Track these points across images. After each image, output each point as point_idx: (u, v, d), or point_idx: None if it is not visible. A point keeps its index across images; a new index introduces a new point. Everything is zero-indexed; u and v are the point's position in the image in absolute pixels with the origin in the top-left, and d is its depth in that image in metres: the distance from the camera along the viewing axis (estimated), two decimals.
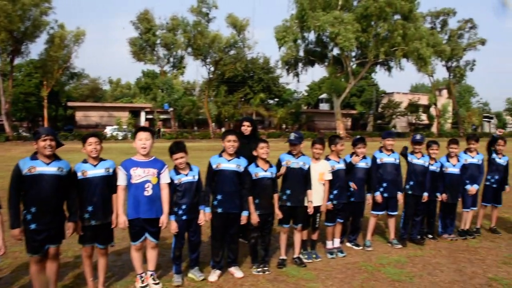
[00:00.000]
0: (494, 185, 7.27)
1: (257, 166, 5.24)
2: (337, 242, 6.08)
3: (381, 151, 6.41)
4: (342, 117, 55.14)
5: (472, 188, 6.93)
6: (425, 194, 6.56)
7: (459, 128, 63.74)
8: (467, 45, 61.22)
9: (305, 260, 5.66)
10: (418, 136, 6.56)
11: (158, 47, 54.75)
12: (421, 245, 6.46)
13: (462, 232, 7.01)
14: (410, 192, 6.51)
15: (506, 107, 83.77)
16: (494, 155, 7.32)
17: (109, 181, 4.50)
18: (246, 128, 6.13)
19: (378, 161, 6.32)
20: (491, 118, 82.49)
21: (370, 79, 66.87)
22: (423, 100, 65.62)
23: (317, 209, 5.66)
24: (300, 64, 54.01)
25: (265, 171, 5.23)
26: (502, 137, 7.31)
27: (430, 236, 6.82)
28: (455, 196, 6.83)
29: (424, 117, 66.28)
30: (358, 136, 6.42)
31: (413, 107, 64.05)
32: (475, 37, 61.32)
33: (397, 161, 6.36)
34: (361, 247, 6.32)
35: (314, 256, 5.81)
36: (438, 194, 6.73)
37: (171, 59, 56.87)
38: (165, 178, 4.67)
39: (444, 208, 6.91)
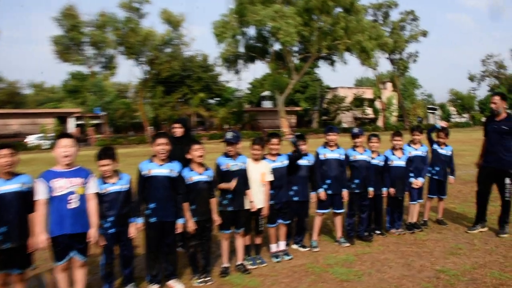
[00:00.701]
0: (436, 177, 7.61)
1: (191, 169, 5.16)
2: (282, 245, 6.09)
3: (324, 147, 6.51)
4: (286, 114, 55.89)
5: (417, 181, 7.21)
6: (371, 189, 6.73)
7: (405, 121, 66.71)
8: (409, 37, 64.36)
9: (249, 266, 5.62)
10: (355, 130, 6.75)
11: (86, 46, 52.75)
12: (369, 241, 6.63)
13: (410, 226, 7.27)
14: (355, 189, 6.63)
15: (449, 98, 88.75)
16: (435, 146, 7.67)
17: (26, 198, 4.24)
18: (177, 130, 6.09)
19: (321, 157, 6.41)
20: (436, 109, 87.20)
21: (313, 75, 68.38)
22: (368, 94, 68.02)
23: (259, 211, 5.68)
24: (240, 61, 54.12)
25: (200, 174, 5.16)
26: (444, 128, 7.68)
27: (378, 232, 7.02)
28: (401, 190, 7.06)
29: (369, 111, 68.69)
30: (297, 133, 6.50)
31: (358, 102, 66.22)
32: (417, 29, 64.65)
33: (342, 156, 6.47)
34: (308, 248, 6.37)
35: (259, 261, 5.79)
36: (384, 189, 6.94)
37: (101, 59, 55.05)
38: (91, 188, 4.46)
39: (391, 202, 7.13)
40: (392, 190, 6.95)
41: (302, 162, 6.19)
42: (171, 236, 4.97)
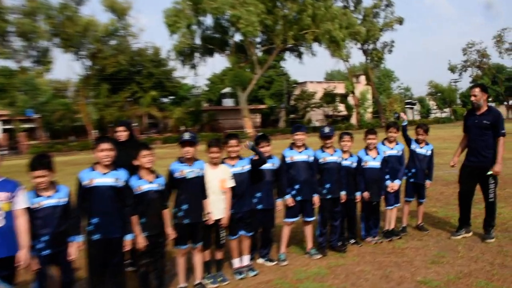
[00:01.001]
0: (412, 179, 7.81)
1: (140, 178, 5.11)
2: (246, 260, 6.10)
3: (291, 148, 6.56)
4: (250, 113, 56.12)
5: (393, 184, 7.36)
6: (343, 193, 6.83)
7: (381, 117, 68.07)
8: (383, 25, 65.77)
9: (209, 286, 5.62)
10: (326, 129, 6.82)
11: (12, 37, 50.86)
12: (343, 252, 6.72)
13: (387, 233, 7.43)
14: (326, 194, 6.70)
15: (428, 91, 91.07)
16: (414, 145, 7.84)
17: None
18: (121, 134, 6.10)
19: (288, 159, 6.46)
20: (414, 104, 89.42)
21: (279, 68, 68.90)
22: (340, 88, 69.02)
23: (220, 222, 5.71)
24: (197, 54, 53.94)
25: (151, 183, 5.12)
26: (424, 124, 7.88)
27: (352, 241, 7.13)
28: (377, 194, 7.19)
29: (341, 107, 69.75)
30: (260, 133, 6.54)
31: (329, 97, 67.09)
32: (391, 16, 66.16)
33: (311, 158, 6.55)
34: (275, 262, 6.40)
35: (220, 279, 5.78)
36: (358, 193, 7.06)
37: (32, 52, 53.39)
38: (19, 203, 4.33)
39: (366, 208, 7.26)
40: (366, 194, 7.08)
41: (266, 165, 6.22)
42: (118, 255, 4.89)
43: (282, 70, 70.26)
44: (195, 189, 5.45)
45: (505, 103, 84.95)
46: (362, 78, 73.70)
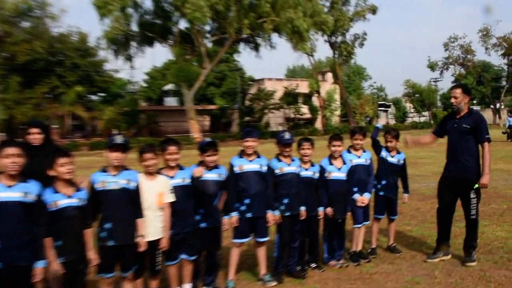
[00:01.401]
0: (382, 193, 7.93)
1: (56, 191, 5.00)
2: None
3: (240, 157, 6.56)
4: (198, 115, 55.97)
5: (362, 197, 7.47)
6: (302, 209, 6.85)
7: (350, 121, 69.14)
8: (354, 14, 66.84)
9: None
10: (286, 135, 6.83)
11: None
12: (302, 278, 6.76)
13: (354, 256, 7.52)
14: (284, 211, 6.71)
15: (405, 92, 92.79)
16: (384, 153, 7.95)
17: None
18: (35, 137, 5.94)
19: (237, 169, 6.44)
20: (388, 106, 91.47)
21: (232, 63, 69.20)
22: (303, 87, 69.83)
23: (156, 244, 5.64)
24: (133, 43, 53.34)
25: (69, 197, 5.02)
26: (393, 129, 8.03)
27: (313, 265, 7.18)
28: (343, 210, 7.27)
29: (305, 109, 70.52)
30: (207, 140, 6.52)
31: (290, 98, 67.79)
32: (364, 4, 67.28)
33: (264, 168, 6.56)
34: None
35: None
36: (320, 209, 7.11)
37: None
38: None
39: (330, 226, 7.32)
40: (330, 210, 7.13)
41: (211, 176, 6.23)
42: (27, 286, 4.73)
43: (235, 64, 70.55)
44: (120, 204, 5.37)
45: (492, 106, 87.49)
46: (329, 76, 74.83)
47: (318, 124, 69.60)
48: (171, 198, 5.75)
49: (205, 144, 6.33)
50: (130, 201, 5.45)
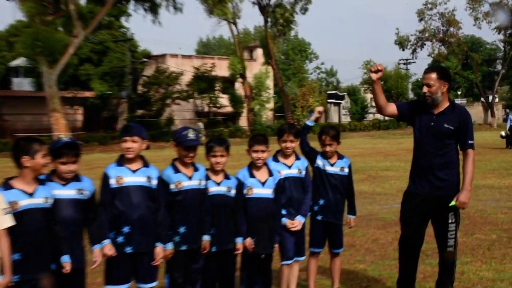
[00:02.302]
0: (319, 216, 7.99)
1: None
2: None
3: (120, 164, 6.48)
4: (65, 105, 55.02)
5: (294, 221, 7.58)
6: (206, 239, 6.86)
7: (287, 118, 69.42)
8: None
9: None
10: (190, 134, 6.75)
11: None
12: None
13: None
14: (180, 243, 6.71)
15: (364, 78, 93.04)
16: (320, 161, 8.03)
17: None
18: None
19: (113, 182, 6.37)
20: (341, 97, 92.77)
21: (118, 30, 68.47)
22: (222, 68, 69.91)
23: None
24: None
25: None
26: (331, 127, 8.14)
27: None
28: (268, 241, 7.32)
29: (225, 100, 70.53)
30: (63, 139, 6.34)
31: (203, 83, 67.59)
32: None
33: (152, 183, 6.52)
34: None
35: None
36: (238, 240, 7.14)
37: None
38: None
39: (250, 264, 7.33)
40: (249, 241, 7.17)
41: (67, 193, 6.09)
42: None
43: (123, 33, 69.88)
44: None
45: (482, 99, 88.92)
46: (259, 53, 75.35)
47: (243, 121, 69.91)
48: (8, 222, 5.63)
49: (60, 145, 6.16)
50: None
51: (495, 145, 36.00)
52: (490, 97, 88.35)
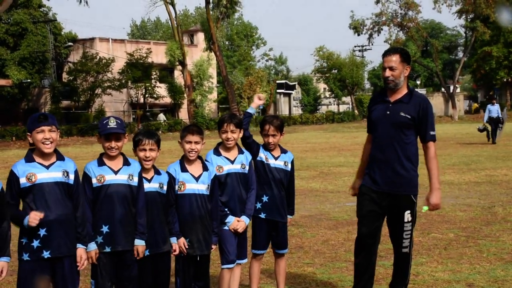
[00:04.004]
0: (262, 214, 7.96)
1: None
2: None
3: (29, 160, 6.28)
4: None
5: (237, 222, 7.56)
6: (139, 244, 6.78)
7: (232, 109, 69.34)
8: None
9: None
10: (111, 122, 6.66)
11: None
12: None
13: None
14: (103, 244, 6.63)
15: (316, 66, 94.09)
16: (262, 154, 8.01)
17: None
18: None
19: (24, 181, 6.17)
20: (292, 88, 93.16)
21: (39, 10, 67.76)
22: (159, 54, 69.76)
23: None
24: None
25: None
26: (274, 116, 8.10)
27: None
28: (203, 241, 7.29)
29: (163, 90, 70.32)
30: None
31: (138, 71, 67.16)
32: None
33: (71, 177, 6.36)
34: None
35: None
36: (173, 241, 7.11)
37: None
38: None
39: (184, 267, 7.29)
40: (183, 241, 7.16)
41: None
42: None
43: (44, 13, 69.16)
44: None
45: (443, 89, 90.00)
46: (200, 38, 75.37)
47: (183, 114, 69.83)
48: None
49: None
50: None
51: (456, 138, 36.45)
52: (451, 87, 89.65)
